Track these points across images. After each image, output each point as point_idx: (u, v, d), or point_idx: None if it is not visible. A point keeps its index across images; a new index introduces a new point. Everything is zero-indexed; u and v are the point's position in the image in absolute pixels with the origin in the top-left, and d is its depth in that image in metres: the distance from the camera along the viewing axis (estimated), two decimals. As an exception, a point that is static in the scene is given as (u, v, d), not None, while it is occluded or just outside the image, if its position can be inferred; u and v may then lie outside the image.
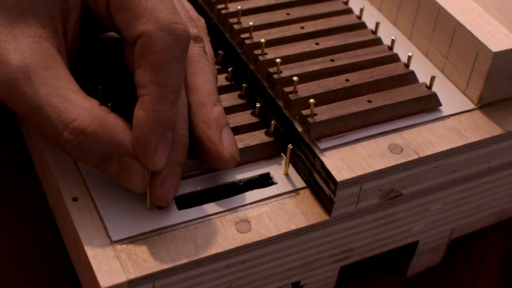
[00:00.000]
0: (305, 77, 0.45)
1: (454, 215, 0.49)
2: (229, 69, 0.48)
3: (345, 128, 0.43)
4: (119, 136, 0.38)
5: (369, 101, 0.44)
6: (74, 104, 0.37)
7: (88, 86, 0.41)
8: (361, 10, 0.51)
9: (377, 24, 0.50)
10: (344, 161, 0.42)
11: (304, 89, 0.44)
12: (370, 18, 0.53)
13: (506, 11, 0.52)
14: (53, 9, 0.38)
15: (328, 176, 0.41)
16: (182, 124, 0.40)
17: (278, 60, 0.45)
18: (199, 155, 0.42)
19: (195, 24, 0.45)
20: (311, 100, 0.42)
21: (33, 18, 0.38)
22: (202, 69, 0.43)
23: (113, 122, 0.38)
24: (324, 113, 0.43)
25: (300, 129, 0.43)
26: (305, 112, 0.43)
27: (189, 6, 0.46)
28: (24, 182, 0.52)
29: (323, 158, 0.41)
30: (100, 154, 0.38)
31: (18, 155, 0.54)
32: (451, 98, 0.47)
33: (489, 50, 0.45)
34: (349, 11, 0.52)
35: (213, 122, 0.41)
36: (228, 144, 0.41)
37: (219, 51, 0.50)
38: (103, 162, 0.39)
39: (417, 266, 0.51)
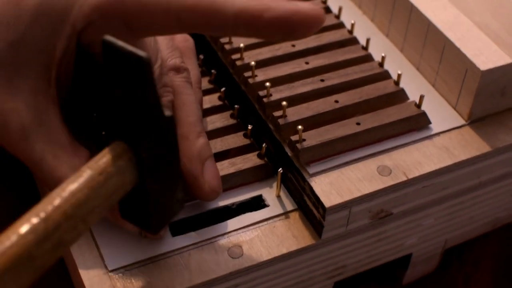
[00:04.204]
0: (294, 99, 0.46)
1: (446, 228, 0.50)
2: (222, 89, 0.49)
3: (334, 151, 0.44)
4: None
5: (358, 123, 0.45)
6: (62, 162, 0.39)
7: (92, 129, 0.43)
8: (352, 25, 0.52)
9: (367, 40, 0.50)
10: (333, 186, 0.42)
11: (294, 112, 0.45)
12: (363, 30, 0.53)
13: (501, 16, 0.52)
14: (48, 58, 0.39)
15: (317, 201, 0.42)
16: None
17: (267, 84, 0.46)
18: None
19: (179, 53, 0.45)
20: (299, 127, 0.43)
21: (29, 70, 0.39)
22: (184, 101, 0.43)
23: None
24: (312, 138, 0.44)
25: (290, 153, 0.44)
26: (294, 137, 0.44)
27: None
28: (27, 200, 0.53)
29: (312, 184, 0.42)
30: None
31: (19, 170, 0.55)
32: (442, 114, 0.48)
33: (478, 69, 0.45)
34: (340, 25, 0.52)
35: (195, 156, 0.42)
36: (209, 177, 0.42)
37: (212, 71, 0.50)
38: None
39: (412, 275, 0.52)
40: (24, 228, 0.31)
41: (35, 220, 0.32)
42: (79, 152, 0.40)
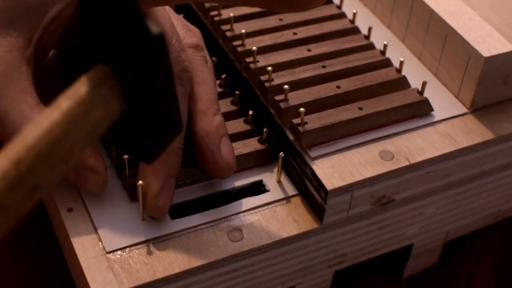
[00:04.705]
0: (296, 85, 0.46)
1: (448, 218, 0.49)
2: (223, 76, 0.49)
3: (336, 136, 0.43)
4: None
5: (360, 108, 0.44)
6: (28, 119, 0.38)
7: None
8: (354, 15, 0.51)
9: (369, 29, 0.50)
10: (335, 169, 0.42)
11: (295, 97, 0.45)
12: (364, 22, 0.53)
13: (501, 11, 0.52)
14: (36, 19, 0.39)
15: (318, 184, 0.41)
16: (178, 137, 0.40)
17: (269, 68, 0.45)
18: (197, 163, 0.43)
19: (194, 33, 0.45)
20: (301, 109, 0.42)
21: (12, 27, 0.39)
22: (204, 79, 0.43)
23: None
24: (314, 121, 0.43)
25: (291, 137, 0.43)
26: (295, 121, 0.43)
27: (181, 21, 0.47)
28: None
29: (313, 167, 0.42)
30: None
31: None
32: (444, 102, 0.48)
33: (480, 55, 0.45)
34: (342, 15, 0.52)
35: (213, 131, 0.42)
36: (226, 153, 0.42)
37: (213, 58, 0.50)
38: None
39: (413, 267, 0.52)
40: None
41: (5, 164, 0.27)
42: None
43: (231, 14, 0.50)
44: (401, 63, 0.47)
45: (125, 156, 0.41)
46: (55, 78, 0.43)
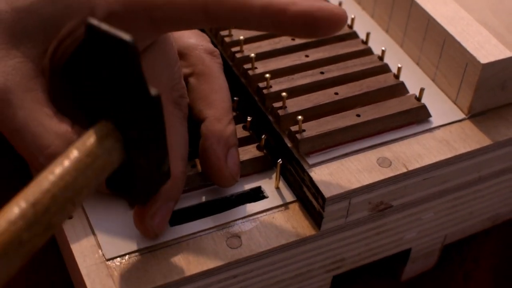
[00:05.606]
0: (294, 91, 0.46)
1: (446, 223, 0.49)
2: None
3: (333, 143, 0.44)
4: None
5: (358, 115, 0.45)
6: (48, 130, 0.38)
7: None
8: (352, 20, 0.52)
9: (367, 34, 0.50)
10: (333, 176, 0.42)
11: (293, 104, 0.45)
12: (362, 26, 0.53)
13: (501, 14, 0.53)
14: (51, 31, 0.39)
15: (316, 191, 0.42)
16: (180, 161, 0.41)
17: (267, 75, 0.46)
18: (200, 167, 0.43)
19: (206, 39, 0.45)
20: (299, 117, 0.43)
21: (26, 37, 0.38)
22: (221, 86, 0.44)
23: None
24: (312, 128, 0.43)
25: (289, 144, 0.44)
26: (293, 128, 0.43)
27: None
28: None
29: (311, 174, 0.42)
30: None
31: (18, 165, 0.55)
32: (442, 108, 0.48)
33: (478, 62, 0.45)
34: (340, 20, 0.52)
35: (224, 139, 0.42)
36: (231, 163, 0.42)
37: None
38: None
39: (411, 271, 0.52)
40: (13, 214, 0.31)
41: (24, 205, 0.31)
42: (64, 121, 0.39)
43: (230, 20, 0.50)
44: (399, 69, 0.48)
45: None
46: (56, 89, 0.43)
